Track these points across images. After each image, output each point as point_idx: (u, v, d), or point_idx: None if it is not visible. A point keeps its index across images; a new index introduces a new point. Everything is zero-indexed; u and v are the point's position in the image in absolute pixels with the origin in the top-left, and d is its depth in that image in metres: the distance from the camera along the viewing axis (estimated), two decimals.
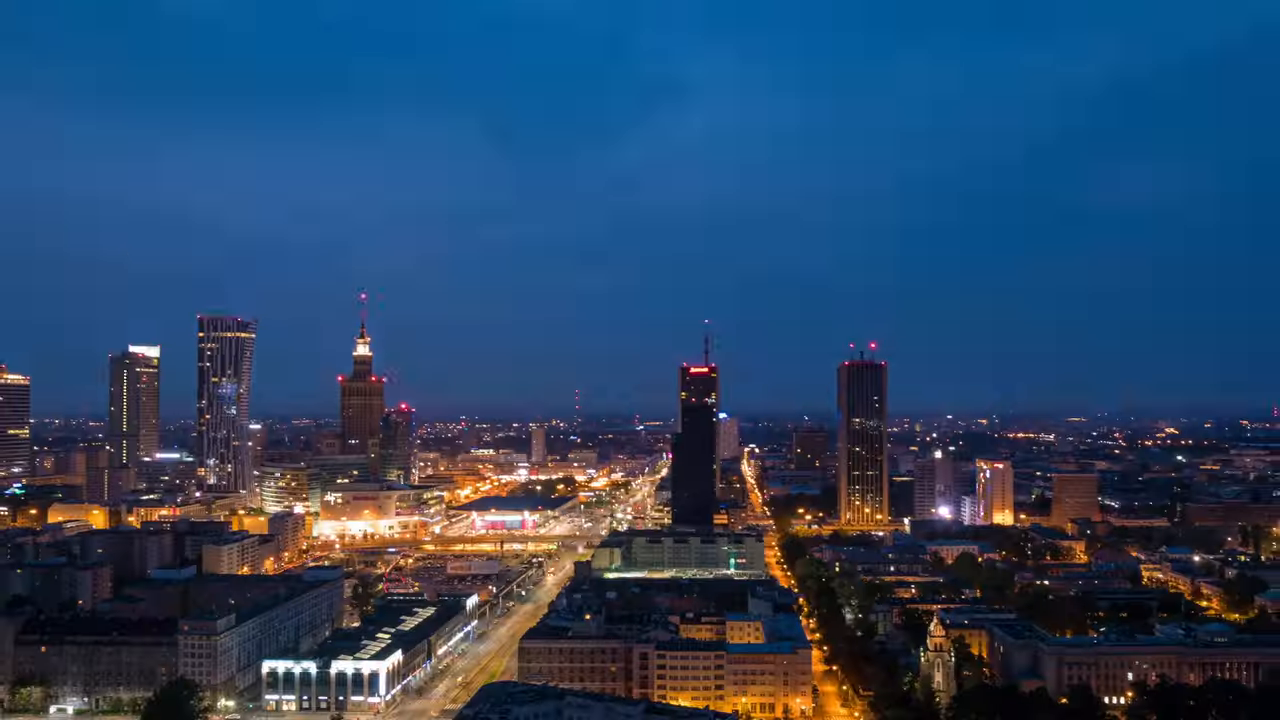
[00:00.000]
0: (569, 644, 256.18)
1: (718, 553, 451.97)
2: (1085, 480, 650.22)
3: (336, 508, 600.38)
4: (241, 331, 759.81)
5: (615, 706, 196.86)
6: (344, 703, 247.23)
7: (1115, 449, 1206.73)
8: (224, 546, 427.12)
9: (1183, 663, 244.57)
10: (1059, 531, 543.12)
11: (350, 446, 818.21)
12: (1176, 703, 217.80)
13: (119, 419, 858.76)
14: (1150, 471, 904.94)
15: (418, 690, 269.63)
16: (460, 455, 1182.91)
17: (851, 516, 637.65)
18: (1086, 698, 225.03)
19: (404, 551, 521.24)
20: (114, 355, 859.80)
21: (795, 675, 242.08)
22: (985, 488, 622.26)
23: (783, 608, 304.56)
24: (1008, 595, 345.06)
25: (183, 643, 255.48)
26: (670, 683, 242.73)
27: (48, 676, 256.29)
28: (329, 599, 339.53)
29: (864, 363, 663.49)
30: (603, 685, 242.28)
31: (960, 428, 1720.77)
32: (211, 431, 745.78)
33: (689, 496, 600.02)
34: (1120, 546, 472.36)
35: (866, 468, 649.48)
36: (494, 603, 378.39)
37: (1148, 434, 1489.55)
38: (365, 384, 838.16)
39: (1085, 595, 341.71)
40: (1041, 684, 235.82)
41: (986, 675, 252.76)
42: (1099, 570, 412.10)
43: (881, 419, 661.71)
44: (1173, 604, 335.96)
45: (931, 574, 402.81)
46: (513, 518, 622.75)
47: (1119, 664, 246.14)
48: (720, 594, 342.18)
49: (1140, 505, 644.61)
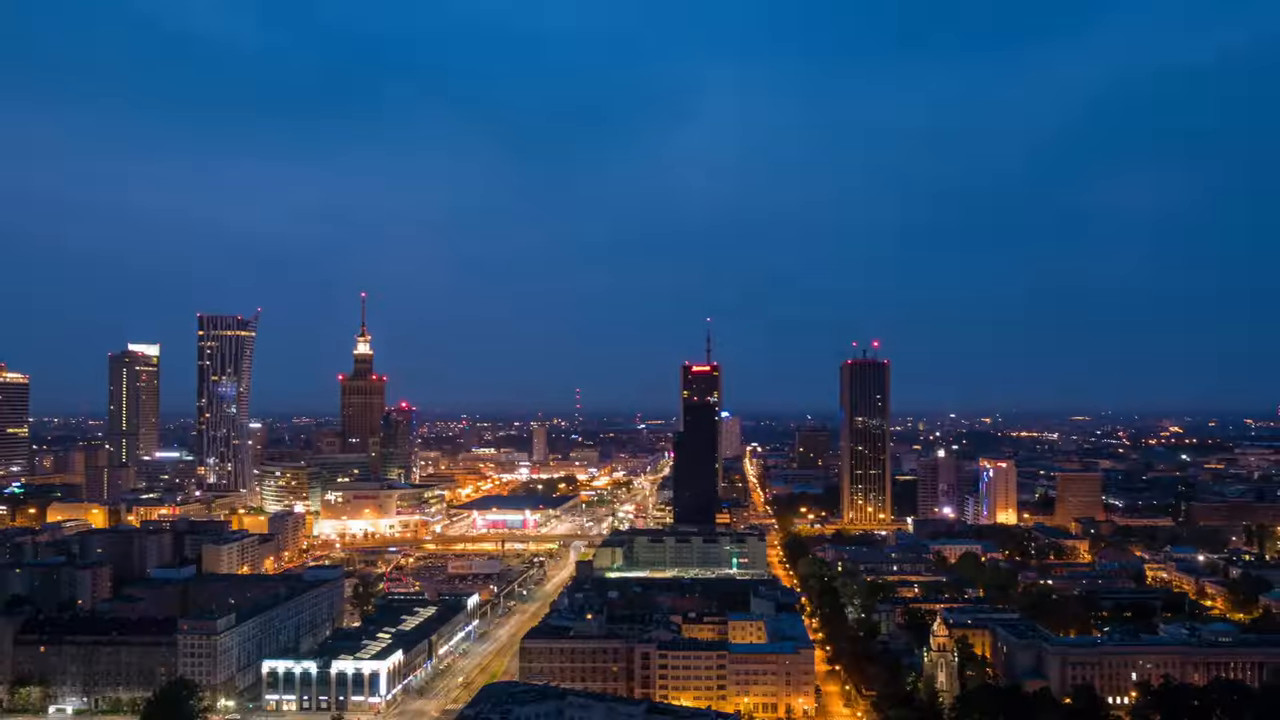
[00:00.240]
0: (570, 644, 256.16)
1: (720, 552, 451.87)
2: (1089, 479, 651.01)
3: (337, 507, 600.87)
4: (241, 329, 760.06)
5: (617, 707, 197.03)
6: (344, 703, 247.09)
7: (1119, 448, 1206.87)
8: (224, 546, 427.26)
9: (1187, 663, 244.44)
10: (1063, 531, 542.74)
11: (351, 445, 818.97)
12: (1181, 703, 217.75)
13: (118, 418, 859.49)
14: (1154, 470, 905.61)
15: (419, 690, 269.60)
16: (461, 454, 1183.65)
17: (854, 516, 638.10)
18: (1090, 698, 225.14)
19: (405, 551, 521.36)
20: (113, 354, 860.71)
21: (798, 675, 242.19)
22: (988, 487, 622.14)
23: (785, 607, 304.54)
24: (1011, 595, 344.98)
25: (182, 642, 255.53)
26: (672, 683, 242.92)
27: (47, 676, 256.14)
28: (329, 599, 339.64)
29: (867, 361, 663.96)
30: (604, 685, 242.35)
31: (963, 426, 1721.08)
32: (211, 430, 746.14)
33: (691, 496, 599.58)
34: (1124, 546, 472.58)
35: (869, 467, 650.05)
36: (495, 602, 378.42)
37: (1152, 433, 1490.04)
38: (366, 382, 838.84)
39: (1089, 595, 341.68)
40: (1045, 684, 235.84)
41: (990, 675, 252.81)
42: (1103, 570, 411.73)
43: (884, 418, 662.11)
44: (1177, 604, 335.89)
45: (934, 573, 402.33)
46: (514, 517, 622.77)
47: (1123, 664, 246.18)
48: (722, 594, 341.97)
49: (1144, 504, 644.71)
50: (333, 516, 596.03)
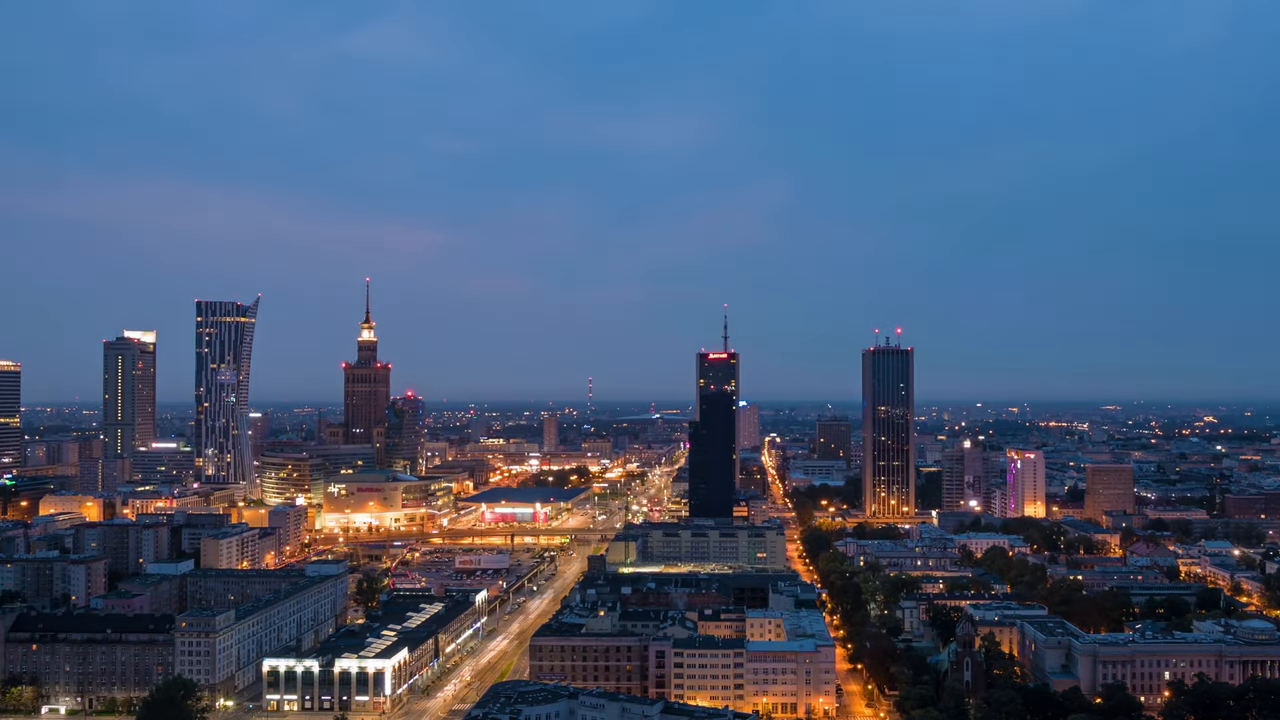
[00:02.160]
0: (582, 641, 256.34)
1: (737, 546, 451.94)
2: (1120, 471, 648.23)
3: (340, 499, 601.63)
4: (241, 316, 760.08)
5: (631, 707, 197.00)
6: (348, 703, 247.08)
7: (1151, 438, 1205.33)
8: (223, 540, 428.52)
9: (1222, 661, 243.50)
10: (1093, 524, 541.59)
11: (354, 436, 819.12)
12: (1216, 703, 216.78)
13: (113, 407, 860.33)
14: (1188, 462, 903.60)
15: (424, 690, 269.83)
16: (469, 445, 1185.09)
17: (877, 508, 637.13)
18: (1122, 698, 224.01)
19: (410, 545, 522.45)
20: (108, 341, 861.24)
21: (818, 674, 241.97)
22: (1016, 479, 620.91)
23: (805, 604, 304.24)
24: (1039, 591, 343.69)
25: (180, 641, 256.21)
26: (688, 682, 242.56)
27: (39, 676, 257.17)
28: (332, 595, 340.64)
29: (889, 348, 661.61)
30: (618, 684, 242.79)
31: (990, 416, 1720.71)
32: (210, 420, 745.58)
33: (707, 488, 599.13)
34: (1156, 540, 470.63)
35: (892, 458, 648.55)
36: (504, 598, 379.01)
37: (1185, 423, 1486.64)
38: (370, 370, 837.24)
39: (1120, 591, 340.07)
40: (1075, 683, 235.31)
41: (1017, 674, 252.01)
42: (1134, 565, 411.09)
43: (908, 407, 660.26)
44: (1212, 600, 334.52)
45: (960, 569, 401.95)
46: (523, 510, 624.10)
47: (1155, 662, 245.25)
48: (740, 589, 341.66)
49: (1178, 497, 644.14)
50: (336, 510, 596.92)
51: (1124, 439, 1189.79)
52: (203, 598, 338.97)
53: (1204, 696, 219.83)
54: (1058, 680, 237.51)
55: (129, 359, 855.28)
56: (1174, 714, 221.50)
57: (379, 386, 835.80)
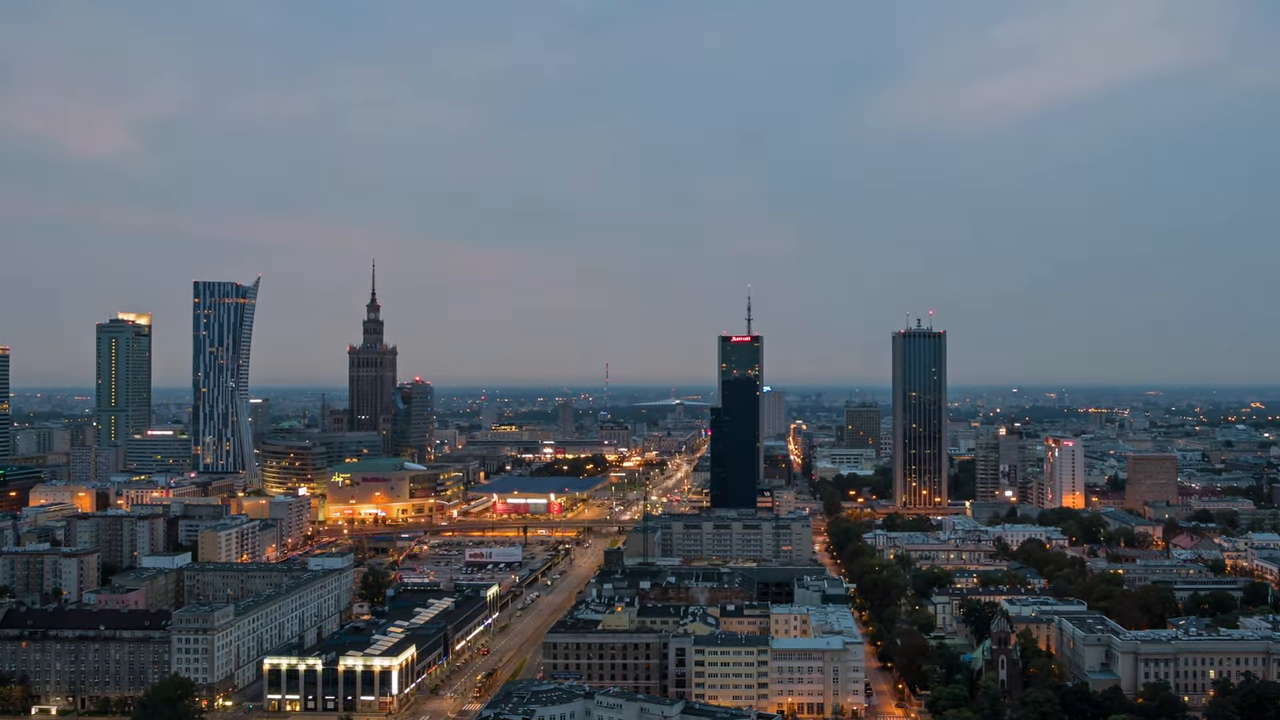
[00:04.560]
0: (599, 639, 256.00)
1: (761, 539, 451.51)
2: (1163, 460, 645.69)
3: (345, 490, 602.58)
4: (241, 299, 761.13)
5: (649, 707, 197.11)
6: (353, 702, 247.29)
7: (1195, 425, 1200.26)
8: (222, 532, 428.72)
9: (1270, 660, 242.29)
10: (1134, 515, 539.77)
11: (360, 422, 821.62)
12: (1263, 703, 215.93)
13: (107, 392, 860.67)
14: (1234, 450, 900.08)
15: (433, 689, 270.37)
16: (479, 432, 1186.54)
17: (907, 499, 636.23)
18: (1165, 697, 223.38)
19: (418, 537, 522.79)
20: (102, 323, 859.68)
21: (846, 673, 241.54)
22: (1053, 468, 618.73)
23: (832, 599, 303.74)
24: (1078, 585, 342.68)
25: (176, 638, 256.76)
26: (709, 681, 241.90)
27: (29, 674, 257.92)
28: (336, 589, 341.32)
29: (920, 331, 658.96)
30: (635, 684, 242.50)
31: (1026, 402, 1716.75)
32: (208, 406, 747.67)
33: (730, 478, 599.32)
34: (1201, 532, 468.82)
35: (924, 446, 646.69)
36: (516, 593, 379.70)
37: (1231, 409, 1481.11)
38: (376, 354, 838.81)
39: (1163, 585, 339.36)
40: (1115, 682, 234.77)
41: (1055, 673, 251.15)
42: (1178, 558, 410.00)
43: (940, 393, 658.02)
44: (1259, 595, 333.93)
45: (995, 562, 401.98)
46: (537, 500, 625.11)
47: (1200, 660, 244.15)
48: (764, 584, 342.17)
49: (1223, 487, 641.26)
50: (340, 500, 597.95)
51: (1166, 426, 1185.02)
52: (200, 593, 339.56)
53: (1250, 696, 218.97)
54: (1097, 679, 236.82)
55: (124, 342, 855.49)
56: (1219, 714, 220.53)
57: (385, 371, 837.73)
